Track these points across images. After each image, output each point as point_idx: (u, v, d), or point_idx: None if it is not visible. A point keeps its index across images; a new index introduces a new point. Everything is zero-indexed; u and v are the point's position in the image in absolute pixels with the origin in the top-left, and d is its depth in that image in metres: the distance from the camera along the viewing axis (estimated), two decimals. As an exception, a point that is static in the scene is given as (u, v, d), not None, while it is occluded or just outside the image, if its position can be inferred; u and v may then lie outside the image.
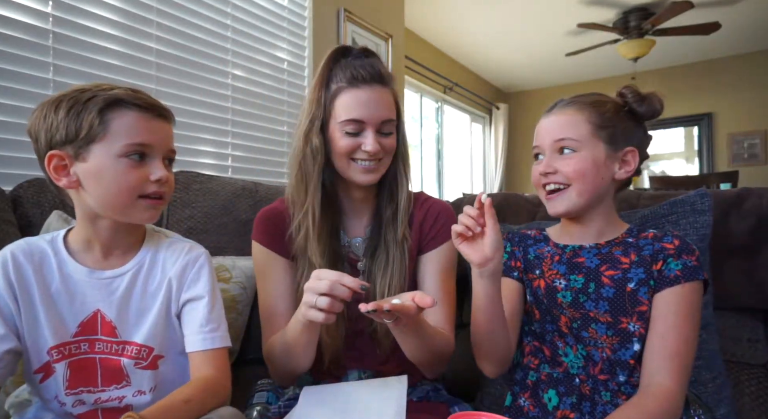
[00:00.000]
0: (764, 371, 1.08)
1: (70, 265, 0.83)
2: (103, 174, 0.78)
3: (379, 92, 0.94)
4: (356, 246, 1.03)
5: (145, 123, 0.80)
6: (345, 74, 0.94)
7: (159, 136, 0.82)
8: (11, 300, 0.78)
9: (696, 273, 0.84)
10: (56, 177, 0.79)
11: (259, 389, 1.05)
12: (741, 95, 5.43)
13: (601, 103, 0.91)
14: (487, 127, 6.30)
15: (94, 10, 1.60)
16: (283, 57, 2.35)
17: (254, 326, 1.26)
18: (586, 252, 0.93)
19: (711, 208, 1.03)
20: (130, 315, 0.84)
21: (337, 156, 0.95)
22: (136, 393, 0.83)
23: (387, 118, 0.95)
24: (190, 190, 1.34)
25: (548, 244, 0.99)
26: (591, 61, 5.29)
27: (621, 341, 0.86)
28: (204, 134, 1.97)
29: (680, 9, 3.88)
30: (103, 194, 0.79)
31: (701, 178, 4.05)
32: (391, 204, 1.01)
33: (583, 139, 0.88)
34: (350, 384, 0.93)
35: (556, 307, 0.92)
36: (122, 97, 0.78)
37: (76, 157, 0.78)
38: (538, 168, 0.92)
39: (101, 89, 0.79)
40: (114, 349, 0.83)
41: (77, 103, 0.77)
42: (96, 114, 0.76)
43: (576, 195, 0.88)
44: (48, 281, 0.81)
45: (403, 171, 1.02)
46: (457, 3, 4.14)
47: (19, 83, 1.41)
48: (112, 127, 0.77)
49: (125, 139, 0.77)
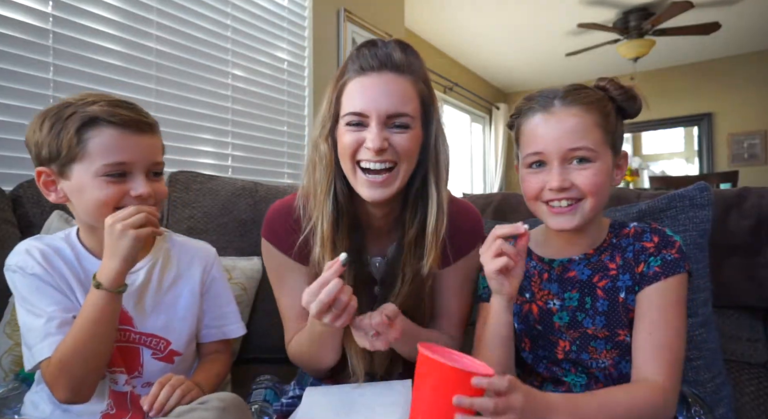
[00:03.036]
0: (764, 370, 1.08)
1: (89, 260, 0.86)
2: (84, 191, 0.80)
3: (391, 80, 0.80)
4: (376, 267, 0.92)
5: (123, 141, 0.79)
6: (355, 65, 0.82)
7: (139, 152, 0.81)
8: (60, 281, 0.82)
9: (677, 267, 0.80)
10: (46, 192, 0.83)
11: (257, 386, 1.04)
12: (741, 95, 5.42)
13: (602, 101, 0.82)
14: (487, 127, 6.30)
15: (94, 10, 1.60)
16: (283, 57, 2.35)
17: (254, 326, 1.26)
18: (576, 265, 0.87)
19: (711, 202, 1.01)
20: (146, 308, 0.88)
21: (343, 160, 0.83)
22: (146, 384, 0.87)
23: (398, 111, 0.79)
24: (190, 190, 1.34)
25: (531, 258, 0.90)
26: (591, 61, 5.28)
27: (620, 354, 0.83)
28: (204, 134, 1.97)
29: (680, 9, 3.88)
30: (85, 210, 0.82)
31: (701, 178, 4.05)
32: (415, 224, 0.85)
33: (599, 148, 0.79)
34: (354, 387, 0.92)
35: (553, 332, 0.86)
36: (98, 115, 0.78)
37: (61, 175, 0.80)
38: (542, 179, 0.81)
39: (84, 102, 0.79)
40: (132, 338, 0.87)
41: (58, 120, 0.78)
42: (74, 133, 0.77)
43: (589, 209, 0.80)
44: (75, 271, 0.84)
45: (434, 182, 0.85)
46: (457, 3, 4.13)
47: (19, 83, 1.41)
48: (89, 146, 0.77)
49: (102, 159, 0.78)
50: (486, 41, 4.99)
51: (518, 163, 0.89)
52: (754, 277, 1.09)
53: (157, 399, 0.74)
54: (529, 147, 0.83)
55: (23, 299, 0.80)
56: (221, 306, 0.99)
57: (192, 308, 0.94)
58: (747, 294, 1.10)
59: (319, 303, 0.70)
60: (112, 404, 0.85)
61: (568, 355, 0.85)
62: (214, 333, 0.98)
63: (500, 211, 1.37)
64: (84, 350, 0.75)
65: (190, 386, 0.78)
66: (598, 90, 0.85)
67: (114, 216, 0.76)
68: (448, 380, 0.59)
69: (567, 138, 0.78)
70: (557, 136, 0.79)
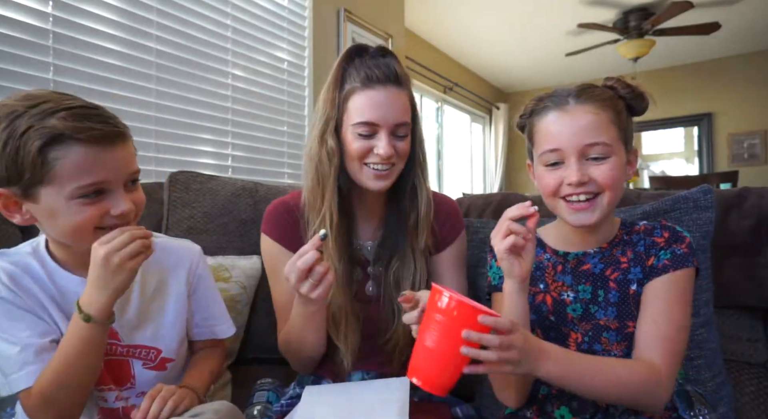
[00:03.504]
0: (764, 370, 1.08)
1: (61, 274, 0.79)
2: (56, 216, 0.71)
3: (394, 93, 0.91)
4: (367, 250, 1.03)
5: (95, 159, 0.69)
6: (359, 74, 0.91)
7: (114, 167, 0.72)
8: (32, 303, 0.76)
9: (685, 261, 0.82)
10: (9, 214, 0.73)
11: (259, 388, 1.05)
12: (741, 95, 5.42)
13: (614, 99, 0.85)
14: (487, 127, 6.30)
15: (94, 10, 1.60)
16: (283, 57, 2.35)
17: (254, 326, 1.26)
18: (590, 258, 0.89)
19: (714, 205, 1.03)
20: (131, 320, 0.84)
21: (349, 159, 0.93)
22: (140, 394, 0.84)
23: (401, 121, 0.92)
24: (190, 190, 1.34)
25: (545, 250, 0.94)
26: (591, 61, 5.28)
27: (629, 346, 0.84)
28: (204, 134, 1.97)
29: (680, 9, 3.88)
30: (61, 233, 0.74)
31: (701, 177, 4.05)
32: (413, 212, 0.99)
33: (614, 143, 0.81)
34: (353, 385, 0.93)
35: (566, 323, 0.88)
36: (63, 131, 0.67)
37: (26, 197, 0.71)
38: (559, 175, 0.83)
39: (38, 113, 0.67)
40: (119, 351, 0.83)
41: (11, 137, 0.66)
42: (36, 153, 0.66)
43: (607, 204, 0.82)
44: (47, 290, 0.78)
45: (422, 177, 1.00)
46: (457, 3, 4.13)
47: (19, 83, 1.40)
48: (57, 168, 0.67)
49: (74, 182, 0.69)
50: (486, 41, 4.99)
51: (531, 161, 0.91)
52: (754, 277, 1.09)
53: (148, 413, 0.71)
54: (545, 144, 0.84)
55: None
56: (209, 306, 0.95)
57: (180, 313, 0.89)
58: (747, 294, 1.10)
59: (296, 271, 0.78)
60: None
61: (580, 347, 0.86)
62: (204, 332, 0.95)
63: (500, 211, 1.35)
64: (69, 382, 0.71)
65: (182, 394, 0.75)
66: (607, 89, 0.87)
67: (108, 246, 0.68)
68: (460, 314, 0.65)
69: (584, 134, 0.81)
70: (574, 133, 0.81)
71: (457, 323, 0.65)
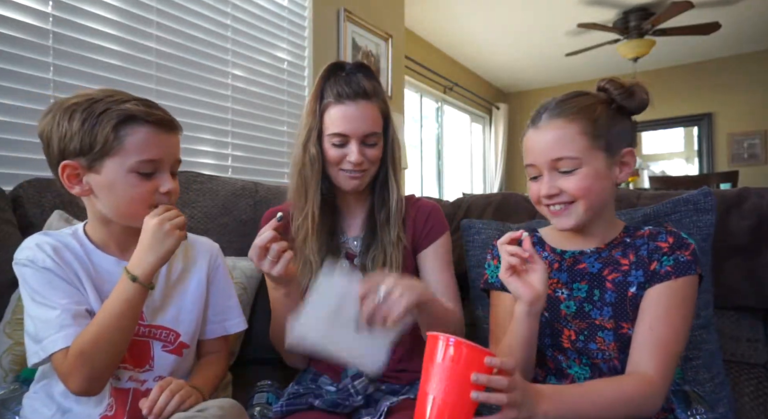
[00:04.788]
0: (764, 371, 1.08)
1: (98, 255, 0.88)
2: (115, 186, 0.82)
3: (364, 107, 1.00)
4: (354, 245, 1.10)
5: (157, 139, 0.83)
6: (332, 90, 1.01)
7: (168, 150, 0.86)
8: (71, 275, 0.83)
9: (688, 268, 0.82)
10: (69, 185, 0.83)
11: (259, 390, 1.06)
12: (741, 95, 5.42)
13: (590, 107, 0.86)
14: (487, 127, 6.30)
15: (94, 10, 1.60)
16: (283, 57, 2.35)
17: (254, 327, 1.26)
18: (587, 258, 0.91)
19: (714, 207, 1.03)
20: (155, 301, 0.90)
21: (328, 164, 1.03)
22: (157, 378, 0.87)
23: (370, 131, 1.01)
24: (190, 190, 1.34)
25: (544, 249, 0.96)
26: (591, 61, 5.28)
27: (621, 347, 0.84)
28: (204, 134, 1.97)
29: (680, 9, 3.89)
30: (115, 204, 0.84)
31: (701, 178, 4.05)
32: (384, 208, 1.07)
33: (582, 155, 0.83)
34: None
35: (559, 320, 0.89)
36: (136, 113, 0.81)
37: (89, 168, 0.82)
38: (538, 188, 0.88)
39: (113, 100, 0.81)
40: (142, 332, 0.88)
41: (91, 115, 0.79)
42: (111, 129, 0.79)
43: (583, 210, 0.85)
44: (84, 266, 0.86)
45: (393, 176, 1.08)
46: (457, 3, 4.14)
47: (19, 83, 1.41)
48: (126, 142, 0.80)
49: (138, 156, 0.81)
50: (486, 41, 4.99)
51: None
52: (754, 278, 1.09)
53: (156, 403, 0.74)
54: (526, 159, 0.91)
55: (34, 292, 0.80)
56: (224, 299, 1.01)
57: (200, 298, 0.96)
58: (747, 294, 1.10)
59: (254, 248, 0.86)
60: (112, 403, 0.85)
61: (575, 344, 0.87)
62: (215, 329, 0.99)
63: (500, 211, 1.37)
64: (108, 341, 0.77)
65: (189, 391, 0.79)
66: (600, 91, 0.89)
67: (161, 216, 0.80)
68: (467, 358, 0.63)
69: (550, 150, 0.85)
70: (542, 148, 0.86)
71: (463, 367, 0.63)
